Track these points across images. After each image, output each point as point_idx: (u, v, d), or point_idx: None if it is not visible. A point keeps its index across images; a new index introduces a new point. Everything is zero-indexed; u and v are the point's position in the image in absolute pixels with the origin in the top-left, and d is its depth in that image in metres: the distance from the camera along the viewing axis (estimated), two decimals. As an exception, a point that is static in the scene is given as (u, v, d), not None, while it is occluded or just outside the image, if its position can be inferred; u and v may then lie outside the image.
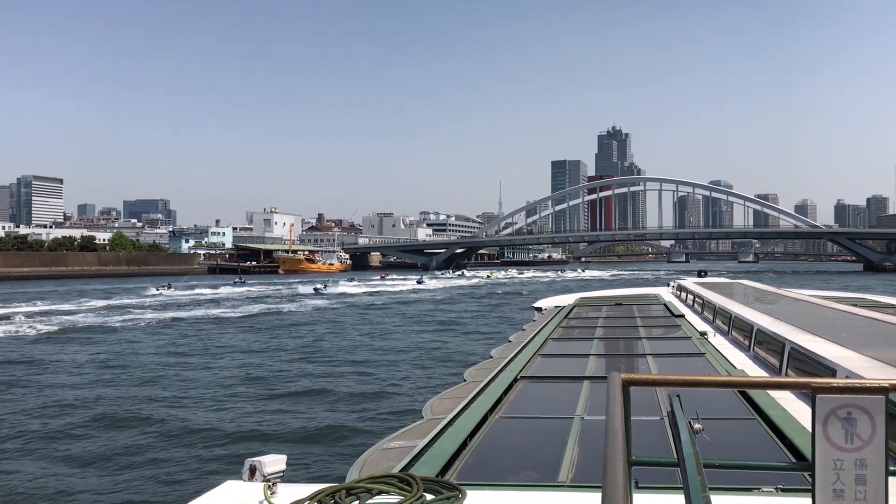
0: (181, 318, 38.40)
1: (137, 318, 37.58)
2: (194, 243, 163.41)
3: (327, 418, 14.59)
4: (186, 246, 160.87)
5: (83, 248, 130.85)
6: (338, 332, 31.65)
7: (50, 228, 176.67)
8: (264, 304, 50.63)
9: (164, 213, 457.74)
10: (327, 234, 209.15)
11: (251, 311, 43.55)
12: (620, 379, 2.06)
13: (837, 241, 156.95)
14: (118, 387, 18.31)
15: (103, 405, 16.01)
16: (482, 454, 4.47)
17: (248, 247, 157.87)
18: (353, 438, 12.88)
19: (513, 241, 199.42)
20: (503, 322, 35.41)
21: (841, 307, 11.53)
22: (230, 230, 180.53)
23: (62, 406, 15.97)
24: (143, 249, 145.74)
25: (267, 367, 21.44)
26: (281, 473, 3.60)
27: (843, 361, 5.63)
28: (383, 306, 48.91)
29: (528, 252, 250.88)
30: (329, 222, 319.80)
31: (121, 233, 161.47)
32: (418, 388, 17.23)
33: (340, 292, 65.47)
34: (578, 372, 7.26)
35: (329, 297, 58.18)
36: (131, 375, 19.93)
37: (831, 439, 1.79)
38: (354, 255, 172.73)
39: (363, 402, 15.97)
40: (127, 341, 27.80)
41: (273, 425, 14.06)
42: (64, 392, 17.61)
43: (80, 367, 21.57)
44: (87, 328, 32.87)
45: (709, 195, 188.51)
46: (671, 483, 3.13)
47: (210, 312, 42.23)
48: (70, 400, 16.59)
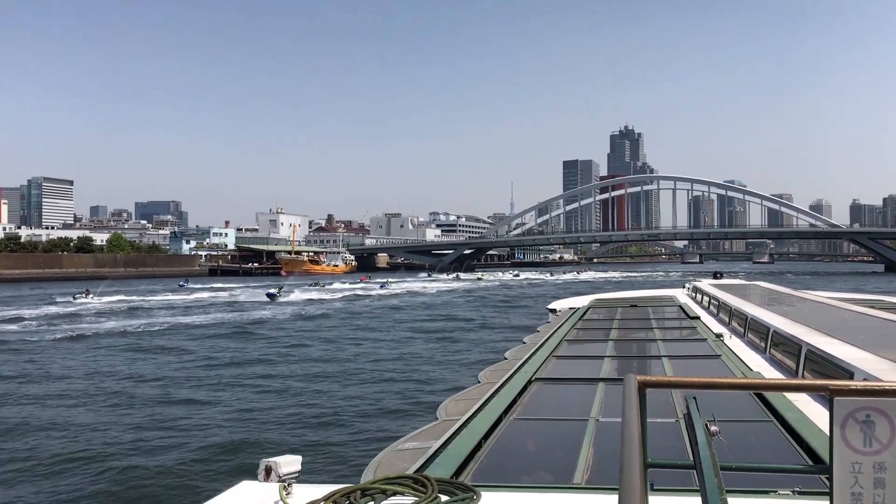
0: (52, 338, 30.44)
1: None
2: (195, 244, 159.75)
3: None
4: (187, 247, 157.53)
5: (79, 249, 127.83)
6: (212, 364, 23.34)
7: (51, 230, 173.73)
8: (188, 315, 42.41)
9: (175, 215, 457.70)
10: (334, 235, 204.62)
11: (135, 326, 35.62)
12: (636, 381, 2.06)
13: (858, 240, 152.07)
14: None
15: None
16: (497, 456, 4.49)
17: (250, 248, 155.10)
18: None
19: (522, 242, 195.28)
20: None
21: (858, 309, 11.45)
22: (233, 231, 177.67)
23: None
24: (142, 251, 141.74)
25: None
26: (296, 474, 3.61)
27: (860, 364, 5.61)
28: (322, 317, 42.15)
29: (539, 253, 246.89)
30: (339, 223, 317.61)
31: (119, 234, 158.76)
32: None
33: (304, 299, 57.72)
34: (593, 374, 7.26)
35: (279, 306, 50.37)
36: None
37: (849, 442, 1.78)
38: (361, 257, 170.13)
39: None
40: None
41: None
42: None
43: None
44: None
45: (724, 194, 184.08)
46: (687, 486, 3.14)
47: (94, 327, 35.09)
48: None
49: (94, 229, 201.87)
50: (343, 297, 61.34)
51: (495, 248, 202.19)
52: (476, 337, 31.35)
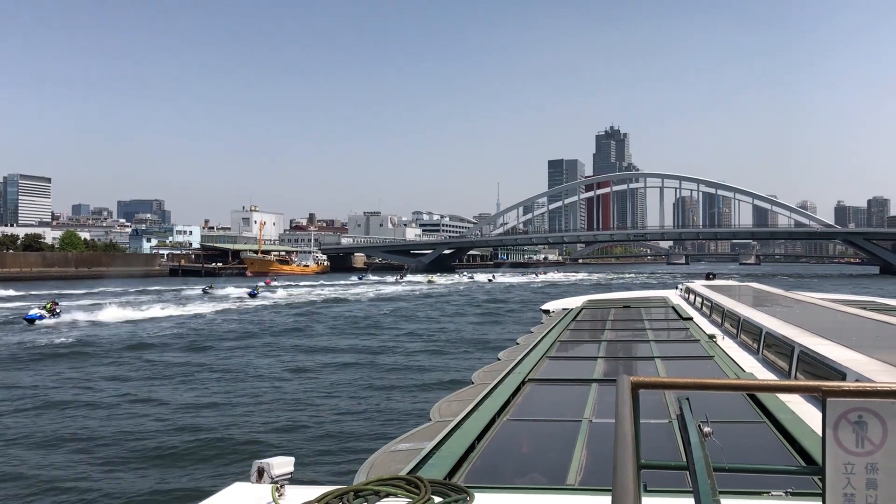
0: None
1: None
2: (157, 243, 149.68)
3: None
4: (148, 245, 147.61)
5: (27, 247, 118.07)
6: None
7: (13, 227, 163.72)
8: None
9: (158, 214, 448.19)
10: (308, 234, 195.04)
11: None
12: (629, 382, 2.07)
13: (853, 241, 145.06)
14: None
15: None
16: (490, 457, 4.51)
17: (215, 247, 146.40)
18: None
19: (503, 242, 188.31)
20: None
21: (850, 310, 11.64)
22: (198, 228, 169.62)
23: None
24: (98, 249, 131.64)
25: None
26: (289, 475, 3.62)
27: (853, 365, 5.73)
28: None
29: (523, 253, 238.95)
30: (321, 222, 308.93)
31: (72, 231, 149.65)
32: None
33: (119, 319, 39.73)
34: (587, 375, 7.36)
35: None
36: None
37: (842, 443, 1.80)
38: (337, 257, 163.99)
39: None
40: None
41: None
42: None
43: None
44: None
45: (715, 192, 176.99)
46: (680, 487, 3.21)
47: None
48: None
49: (72, 227, 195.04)
50: (194, 315, 42.71)
51: (476, 248, 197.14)
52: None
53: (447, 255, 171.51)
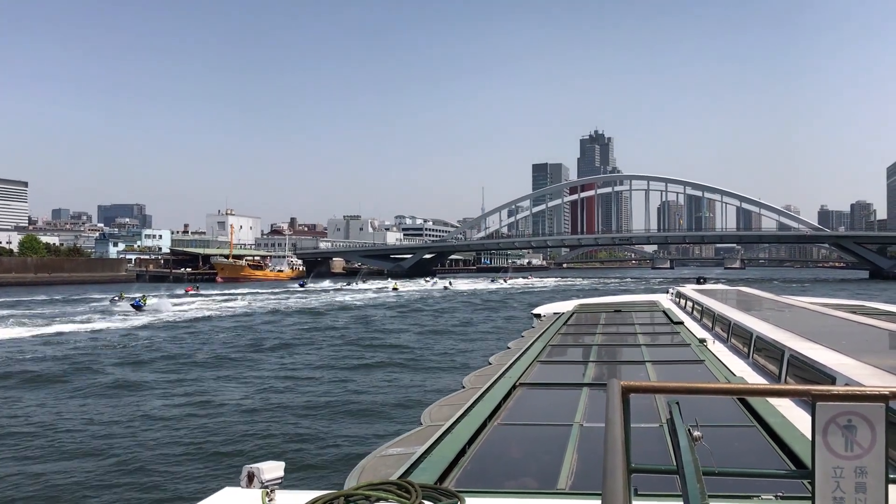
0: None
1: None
2: (124, 247, 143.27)
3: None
4: (115, 250, 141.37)
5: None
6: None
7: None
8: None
9: (139, 218, 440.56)
10: (283, 238, 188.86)
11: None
12: (620, 386, 2.09)
13: (843, 245, 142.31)
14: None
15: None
16: (481, 461, 4.51)
17: (185, 251, 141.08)
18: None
19: (486, 246, 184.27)
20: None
21: (840, 314, 11.70)
22: (168, 232, 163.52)
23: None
24: (60, 254, 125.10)
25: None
26: (279, 480, 3.60)
27: (842, 369, 5.73)
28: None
29: (507, 258, 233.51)
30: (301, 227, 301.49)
31: (32, 235, 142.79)
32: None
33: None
34: (577, 379, 7.37)
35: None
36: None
37: (831, 447, 1.82)
38: (315, 261, 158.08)
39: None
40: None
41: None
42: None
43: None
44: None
45: (701, 195, 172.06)
46: (670, 490, 3.24)
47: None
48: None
49: (50, 232, 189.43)
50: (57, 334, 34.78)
51: (458, 252, 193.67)
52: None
53: (428, 259, 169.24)
